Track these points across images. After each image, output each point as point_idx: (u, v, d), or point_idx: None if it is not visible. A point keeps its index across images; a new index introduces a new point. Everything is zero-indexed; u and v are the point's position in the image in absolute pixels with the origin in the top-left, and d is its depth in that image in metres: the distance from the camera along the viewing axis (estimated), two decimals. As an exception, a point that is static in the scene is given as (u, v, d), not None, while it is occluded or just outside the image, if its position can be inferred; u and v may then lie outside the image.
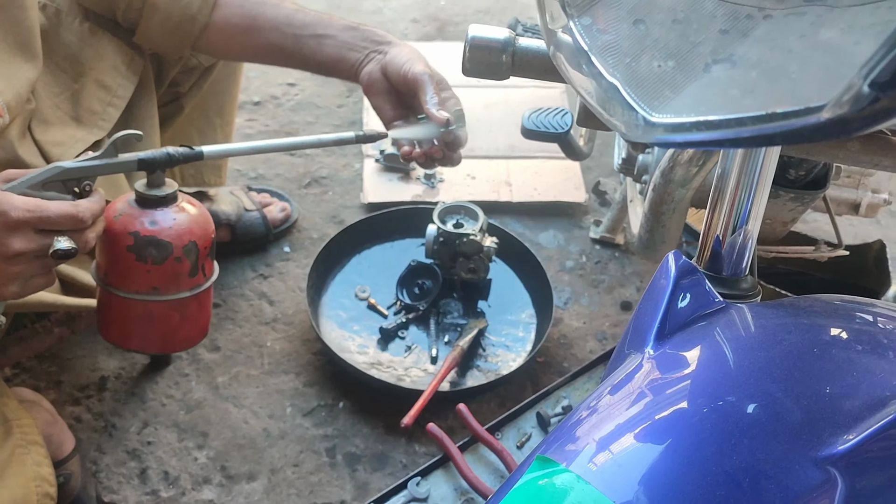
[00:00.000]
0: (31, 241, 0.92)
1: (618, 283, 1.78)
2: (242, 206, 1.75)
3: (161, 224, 1.05)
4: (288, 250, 1.80)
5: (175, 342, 1.15)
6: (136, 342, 1.13)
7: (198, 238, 1.07)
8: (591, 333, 1.68)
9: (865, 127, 0.38)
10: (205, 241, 1.09)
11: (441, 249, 1.62)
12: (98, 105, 1.24)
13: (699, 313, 0.69)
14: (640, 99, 0.44)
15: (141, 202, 1.06)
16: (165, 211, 1.06)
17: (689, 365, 0.65)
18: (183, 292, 1.09)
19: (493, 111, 2.13)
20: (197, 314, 1.13)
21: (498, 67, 0.94)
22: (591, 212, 1.94)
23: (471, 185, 1.95)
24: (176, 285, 1.08)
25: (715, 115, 0.42)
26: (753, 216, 0.72)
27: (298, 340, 1.63)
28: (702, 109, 0.42)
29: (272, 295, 1.71)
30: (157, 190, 1.06)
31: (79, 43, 1.23)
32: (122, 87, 1.27)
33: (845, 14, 0.44)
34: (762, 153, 0.68)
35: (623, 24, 0.49)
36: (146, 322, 1.10)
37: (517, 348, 1.60)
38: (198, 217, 1.09)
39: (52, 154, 1.16)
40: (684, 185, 1.06)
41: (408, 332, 1.61)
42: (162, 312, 1.09)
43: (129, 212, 1.05)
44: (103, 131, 1.24)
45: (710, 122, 0.42)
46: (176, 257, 1.06)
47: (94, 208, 0.97)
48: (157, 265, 1.05)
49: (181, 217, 1.06)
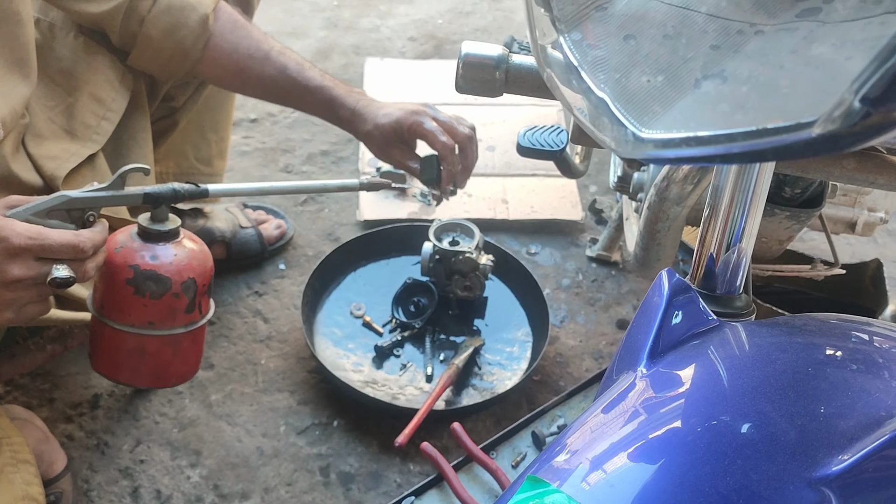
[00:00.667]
0: (31, 268, 0.92)
1: (614, 301, 1.78)
2: (238, 223, 1.75)
3: (161, 259, 1.05)
4: (283, 268, 1.79)
5: (166, 377, 1.15)
6: (127, 375, 1.13)
7: (197, 275, 1.08)
8: (588, 352, 1.67)
9: (857, 143, 0.37)
10: (203, 279, 1.09)
11: (437, 267, 1.61)
12: (92, 119, 1.24)
13: (693, 332, 0.68)
14: (630, 114, 0.44)
15: (143, 236, 1.06)
16: (167, 246, 1.06)
17: (682, 384, 0.64)
18: (178, 328, 1.09)
19: (489, 129, 2.13)
20: (190, 351, 1.13)
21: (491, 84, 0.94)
22: (588, 230, 1.94)
23: (467, 203, 1.95)
24: (171, 321, 1.08)
25: (705, 130, 0.41)
26: (748, 234, 0.72)
27: (293, 358, 1.62)
28: (692, 125, 0.42)
29: (267, 312, 1.70)
30: (160, 224, 1.06)
31: (73, 57, 1.23)
32: (115, 101, 1.27)
33: (836, 30, 0.44)
34: (755, 170, 0.68)
35: (613, 40, 0.49)
36: (138, 356, 1.09)
37: (513, 366, 1.59)
38: (198, 254, 1.09)
39: (47, 168, 1.16)
40: (679, 203, 1.06)
41: (403, 350, 1.60)
42: (155, 347, 1.09)
43: (130, 245, 1.06)
44: (97, 145, 1.24)
45: (700, 138, 0.41)
46: (174, 293, 1.06)
47: (96, 239, 0.97)
48: (154, 300, 1.05)
49: (182, 253, 1.07)
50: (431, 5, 2.66)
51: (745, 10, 0.47)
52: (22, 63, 1.10)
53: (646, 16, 0.50)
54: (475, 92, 1.01)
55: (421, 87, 2.26)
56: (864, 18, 0.44)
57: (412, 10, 2.63)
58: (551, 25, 0.50)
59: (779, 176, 1.16)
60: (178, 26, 1.25)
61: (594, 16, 0.51)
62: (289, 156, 2.06)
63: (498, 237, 1.88)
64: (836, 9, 0.44)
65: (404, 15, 2.61)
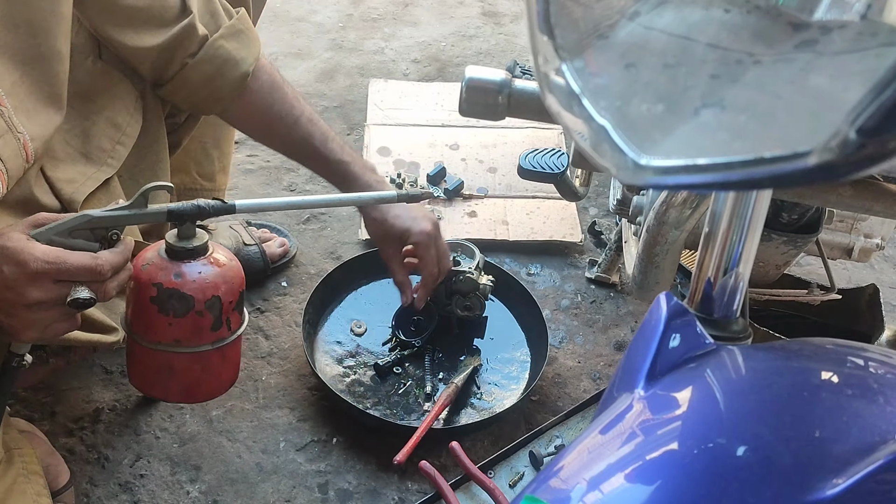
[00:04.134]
0: (50, 290, 0.93)
1: (612, 323, 1.78)
2: (241, 240, 1.75)
3: (186, 277, 1.04)
4: (285, 285, 1.80)
5: (197, 393, 1.15)
6: (158, 391, 1.13)
7: (223, 293, 1.06)
8: (586, 373, 1.67)
9: (852, 172, 0.38)
10: (230, 296, 1.08)
11: (437, 287, 1.62)
12: (107, 143, 1.24)
13: (690, 355, 0.68)
14: (631, 141, 0.44)
15: (170, 253, 1.05)
16: (193, 264, 1.05)
17: (679, 406, 0.64)
18: (204, 345, 1.08)
19: (490, 151, 2.14)
20: (220, 367, 1.13)
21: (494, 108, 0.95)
22: (587, 252, 1.94)
23: (468, 224, 1.95)
24: (197, 338, 1.08)
25: (704, 158, 0.42)
26: (745, 258, 0.73)
27: (294, 375, 1.62)
28: (691, 152, 0.42)
29: (268, 329, 1.70)
30: (186, 242, 1.05)
31: (90, 82, 1.23)
32: (130, 125, 1.27)
33: (834, 61, 0.44)
34: (753, 196, 0.68)
35: (615, 68, 0.50)
36: (167, 373, 1.09)
37: (511, 386, 1.59)
38: (226, 271, 1.07)
39: (65, 191, 1.16)
40: (678, 227, 1.06)
41: (403, 368, 1.60)
42: (183, 365, 1.09)
43: (156, 262, 1.05)
44: (112, 169, 1.24)
45: (698, 166, 0.42)
46: (198, 311, 1.05)
47: (115, 261, 0.97)
48: (178, 318, 1.05)
49: (207, 271, 1.06)
50: (435, 28, 2.68)
51: (745, 40, 0.48)
52: (57, 98, 1.10)
53: (647, 45, 0.50)
54: (478, 115, 1.02)
55: (424, 109, 2.28)
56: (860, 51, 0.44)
57: (416, 33, 2.65)
58: (554, 53, 0.51)
59: (776, 202, 1.16)
60: (218, 76, 1.28)
61: (596, 44, 0.51)
62: (292, 174, 2.07)
63: (498, 258, 1.88)
64: (834, 41, 0.45)
65: (408, 37, 2.63)
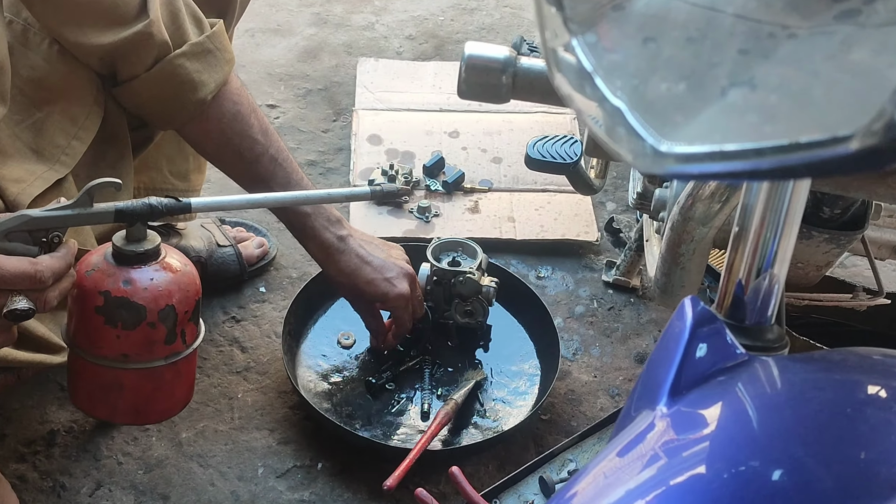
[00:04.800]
0: None
1: (633, 332, 1.78)
2: (214, 241, 1.75)
3: (136, 284, 1.04)
4: (264, 291, 1.80)
5: (148, 414, 1.15)
6: (105, 411, 1.13)
7: (177, 301, 1.06)
8: (603, 388, 1.67)
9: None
10: (186, 305, 1.08)
11: (435, 290, 1.62)
12: (62, 138, 1.23)
13: (719, 367, 0.68)
14: (649, 125, 0.44)
15: (117, 258, 1.05)
16: (144, 269, 1.05)
17: (707, 425, 0.64)
18: (157, 360, 1.08)
19: (494, 139, 2.14)
20: (173, 385, 1.13)
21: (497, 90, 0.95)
22: (604, 252, 1.94)
23: (469, 221, 1.95)
24: (149, 353, 1.08)
25: (732, 143, 0.42)
26: (780, 258, 0.72)
27: (273, 392, 1.62)
28: (717, 137, 0.42)
29: (245, 340, 1.70)
30: (136, 245, 1.05)
31: (46, 66, 1.22)
32: (89, 118, 1.26)
33: (877, 34, 0.44)
34: (789, 188, 0.68)
35: (631, 43, 0.50)
36: (115, 391, 1.09)
37: (519, 404, 1.59)
38: (180, 277, 1.08)
39: (10, 191, 1.15)
40: (705, 224, 1.06)
41: (396, 383, 1.60)
42: (133, 382, 1.09)
43: (103, 268, 1.05)
44: (66, 168, 1.23)
45: (725, 153, 0.42)
46: (149, 322, 1.05)
47: (56, 266, 0.97)
48: (127, 330, 1.05)
49: (161, 277, 1.06)
50: (432, 1, 2.68)
51: (777, 11, 0.47)
52: None
53: (667, 17, 0.50)
54: (479, 98, 1.02)
55: (420, 92, 2.28)
56: (908, 22, 0.44)
57: (411, 6, 2.65)
58: (563, 26, 0.50)
59: (816, 194, 1.16)
60: (171, 98, 1.28)
61: (610, 16, 0.51)
62: (272, 166, 2.07)
63: (504, 259, 1.88)
64: (878, 11, 0.45)
65: (402, 11, 2.63)
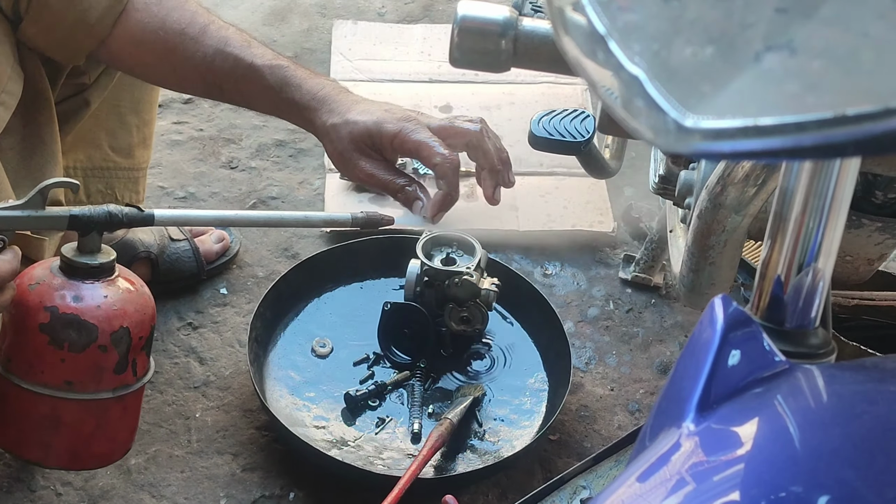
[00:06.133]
0: None
1: (655, 337, 1.78)
2: (167, 234, 1.75)
3: (88, 301, 1.04)
4: (225, 292, 1.79)
5: (86, 458, 1.14)
6: (37, 452, 1.11)
7: (132, 324, 1.07)
8: (621, 404, 1.67)
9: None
10: (140, 330, 1.08)
11: (426, 292, 1.61)
12: None
13: (755, 377, 0.68)
14: (672, 96, 0.44)
15: (67, 271, 1.05)
16: (96, 285, 1.05)
17: (741, 444, 0.65)
18: (104, 392, 1.08)
19: (493, 114, 2.14)
20: (118, 424, 1.12)
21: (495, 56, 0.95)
22: (621, 245, 1.94)
23: (465, 210, 1.95)
24: (96, 382, 1.08)
25: (768, 117, 0.42)
26: (825, 251, 0.73)
27: (237, 411, 1.62)
28: (751, 110, 0.42)
29: (203, 351, 1.70)
30: (90, 257, 1.05)
31: None
32: (12, 80, 1.27)
33: (937, -12, 0.44)
34: (835, 168, 0.68)
35: (651, 1, 0.50)
36: (51, 426, 1.09)
37: (523, 423, 1.59)
38: (136, 298, 1.08)
39: None
40: (738, 211, 1.06)
41: (381, 400, 1.60)
42: (74, 416, 1.09)
43: (49, 281, 1.05)
44: None
45: (761, 128, 0.42)
46: (101, 345, 1.05)
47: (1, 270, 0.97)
48: (75, 353, 1.05)
49: (115, 295, 1.06)
50: (420, -47, 2.68)
51: (820, -38, 0.48)
52: None
53: (693, -31, 0.50)
54: (475, 66, 1.02)
55: (406, 60, 2.27)
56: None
57: (395, -40, 2.65)
58: (572, -19, 0.51)
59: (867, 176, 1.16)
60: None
61: (627, -31, 0.51)
62: (233, 147, 2.07)
63: (505, 254, 1.88)
64: (938, -38, 0.45)
65: (385, -34, 2.63)
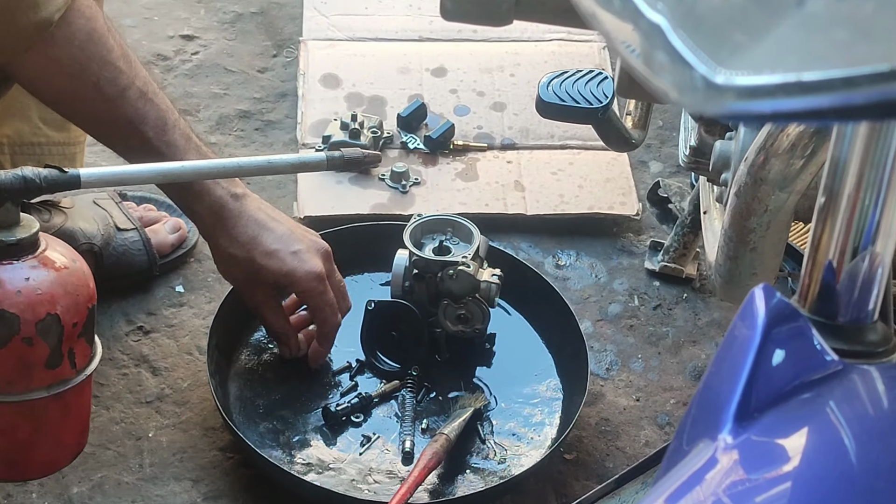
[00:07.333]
0: None
1: (688, 338, 1.78)
2: (113, 222, 1.75)
3: (5, 286, 1.05)
4: (182, 290, 1.79)
5: (26, 466, 1.14)
6: None
7: (62, 310, 1.07)
8: (648, 416, 1.67)
9: None
10: (75, 315, 1.08)
11: (416, 288, 1.61)
12: None
13: (802, 379, 0.68)
14: (700, 48, 0.44)
15: None
16: (16, 266, 1.06)
17: (787, 459, 0.65)
18: (36, 391, 1.09)
19: (494, 77, 2.13)
20: (60, 425, 1.13)
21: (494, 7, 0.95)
22: (647, 230, 1.94)
23: (462, 191, 1.95)
24: (25, 380, 1.08)
25: (812, 71, 0.42)
26: (884, 233, 0.72)
27: (197, 429, 1.62)
28: (792, 63, 0.42)
29: (157, 359, 1.70)
30: (6, 233, 1.05)
31: None
32: None
33: None
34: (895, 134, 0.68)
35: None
36: None
37: (533, 438, 1.60)
38: (67, 277, 1.08)
39: None
40: (783, 187, 1.06)
41: (366, 413, 1.60)
42: (4, 421, 1.09)
43: None
44: None
45: (804, 84, 0.41)
46: (24, 338, 1.05)
47: None
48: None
49: (39, 277, 1.06)
50: None
51: None
52: None
53: None
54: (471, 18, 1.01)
55: (392, 15, 2.27)
56: None
57: None
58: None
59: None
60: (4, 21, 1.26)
61: None
62: (190, 119, 2.05)
63: (510, 241, 1.88)
64: None
65: None
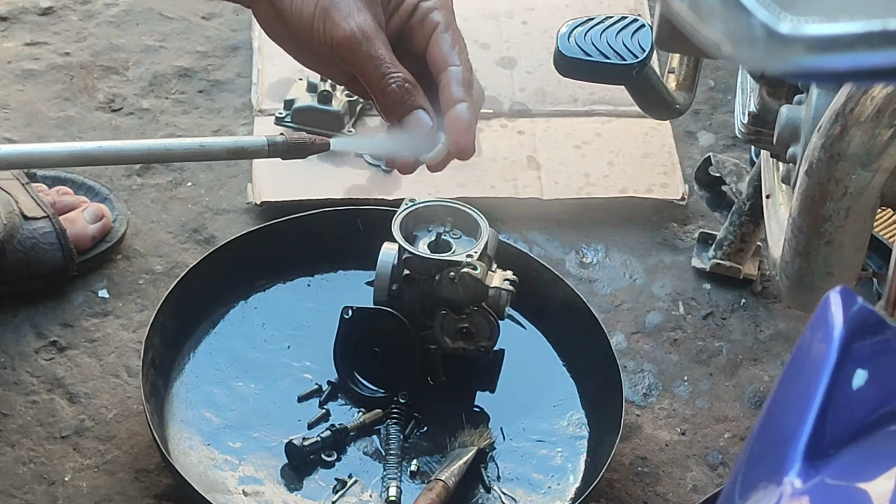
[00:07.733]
0: None
1: (747, 355, 1.79)
2: (18, 209, 1.75)
3: None
4: (106, 295, 1.80)
5: None
6: None
7: None
8: (696, 454, 1.68)
9: None
10: None
11: (406, 292, 1.61)
12: None
13: (890, 407, 0.69)
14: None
15: None
16: None
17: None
18: None
19: (503, 26, 2.14)
20: None
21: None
22: (695, 218, 1.95)
23: (464, 169, 1.95)
24: None
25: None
26: None
27: (126, 471, 1.62)
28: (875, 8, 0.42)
29: (75, 383, 1.70)
30: None
31: None
32: None
33: None
34: None
35: None
36: None
37: (551, 487, 1.60)
38: None
39: None
40: (867, 165, 1.07)
41: (339, 450, 1.60)
42: None
43: None
44: None
45: (891, 34, 0.42)
46: None
47: None
48: None
49: None
50: None
51: None
52: None
53: None
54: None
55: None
56: None
57: None
58: None
59: None
60: None
61: None
62: (115, 80, 2.07)
63: (523, 234, 1.89)
64: None
65: None
